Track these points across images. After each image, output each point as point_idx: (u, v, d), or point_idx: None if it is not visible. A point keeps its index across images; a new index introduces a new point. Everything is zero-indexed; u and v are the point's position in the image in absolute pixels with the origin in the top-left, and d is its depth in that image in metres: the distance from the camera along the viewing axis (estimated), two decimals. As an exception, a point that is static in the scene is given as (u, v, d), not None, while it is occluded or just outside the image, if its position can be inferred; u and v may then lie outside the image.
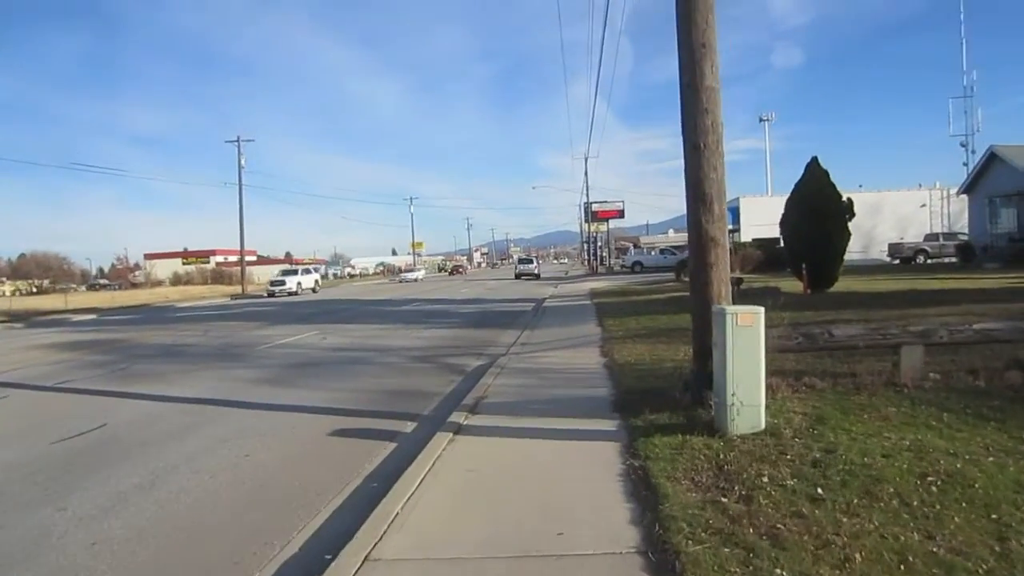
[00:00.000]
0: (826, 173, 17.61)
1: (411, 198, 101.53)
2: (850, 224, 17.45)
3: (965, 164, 42.80)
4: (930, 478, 4.20)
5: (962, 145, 43.00)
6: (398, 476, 5.08)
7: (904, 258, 38.59)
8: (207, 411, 8.33)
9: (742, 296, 18.93)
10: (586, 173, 62.23)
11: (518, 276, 53.76)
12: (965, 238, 38.08)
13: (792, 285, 19.55)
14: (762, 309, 5.43)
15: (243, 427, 7.38)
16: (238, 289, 67.17)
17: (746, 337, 5.28)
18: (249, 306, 33.39)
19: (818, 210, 17.10)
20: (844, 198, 17.53)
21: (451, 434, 6.10)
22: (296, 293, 39.83)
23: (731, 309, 5.41)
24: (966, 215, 43.89)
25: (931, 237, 39.89)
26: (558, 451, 5.52)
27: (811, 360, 8.12)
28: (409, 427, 7.05)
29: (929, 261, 37.58)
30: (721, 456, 4.85)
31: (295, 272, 43.82)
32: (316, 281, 45.56)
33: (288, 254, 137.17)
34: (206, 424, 7.63)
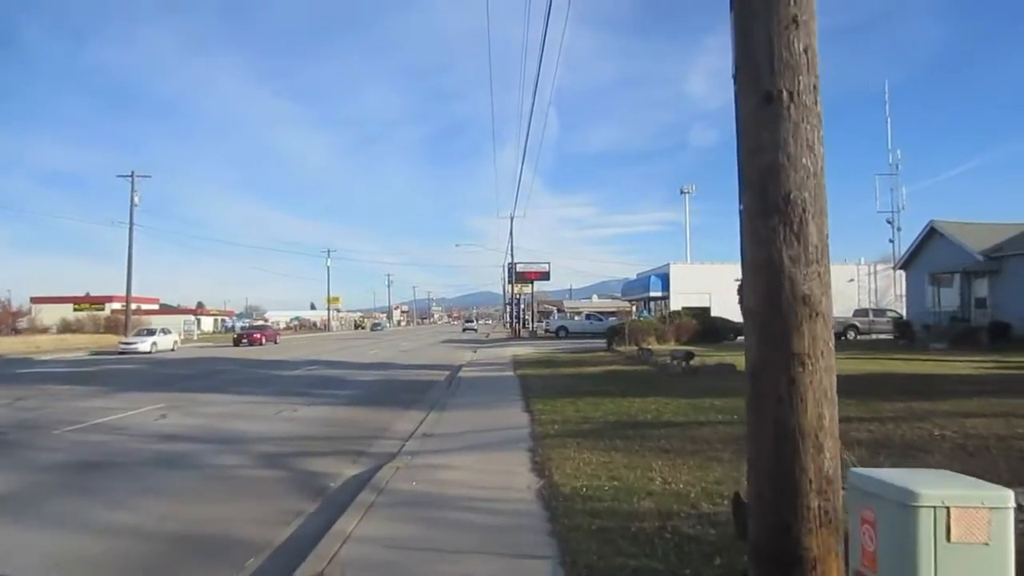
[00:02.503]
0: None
1: (328, 251, 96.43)
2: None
3: (891, 240, 42.49)
4: None
5: (888, 222, 42.75)
6: None
7: (834, 334, 37.27)
8: None
9: (694, 374, 16.11)
10: (511, 232, 59.84)
11: (464, 331, 78.21)
12: (894, 314, 37.27)
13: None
14: (1011, 496, 2.22)
15: None
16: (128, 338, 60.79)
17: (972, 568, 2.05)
18: (113, 362, 28.41)
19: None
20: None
21: None
22: (150, 353, 35.71)
23: (920, 495, 2.18)
24: (892, 290, 43.66)
25: (860, 312, 38.92)
26: None
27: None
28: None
29: (859, 337, 36.41)
30: None
31: (152, 332, 39.62)
32: (175, 342, 41.42)
33: (200, 304, 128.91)
34: None
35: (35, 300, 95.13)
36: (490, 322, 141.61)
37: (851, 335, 36.78)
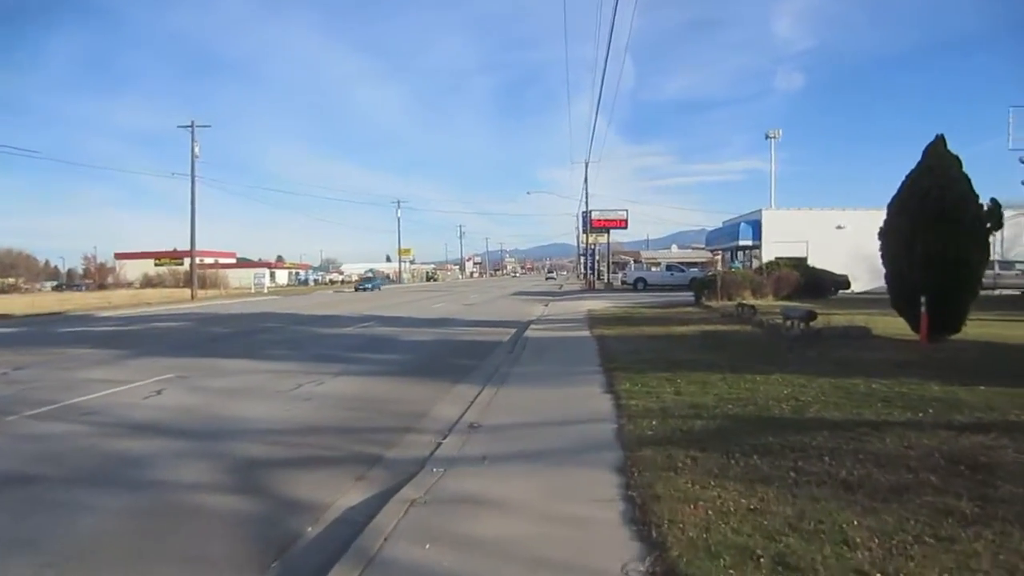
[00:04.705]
0: (957, 161, 11.60)
1: (398, 201, 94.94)
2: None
3: (1024, 183, 36.82)
4: None
5: (1021, 161, 36.98)
6: None
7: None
8: None
9: (822, 342, 12.82)
10: (586, 179, 56.12)
11: (546, 279, 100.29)
12: (1024, 267, 32.35)
13: (888, 325, 13.47)
14: None
15: None
16: (209, 292, 60.85)
17: None
18: (165, 319, 27.24)
19: (946, 216, 11.07)
20: (983, 202, 11.50)
21: None
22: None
23: None
24: (1022, 240, 38.05)
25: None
26: None
27: None
28: None
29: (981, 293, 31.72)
30: None
31: None
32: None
33: (280, 258, 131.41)
34: None
35: (119, 256, 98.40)
36: (564, 273, 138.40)
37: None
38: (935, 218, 11.07)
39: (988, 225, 11.33)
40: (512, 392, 8.79)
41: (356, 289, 63.33)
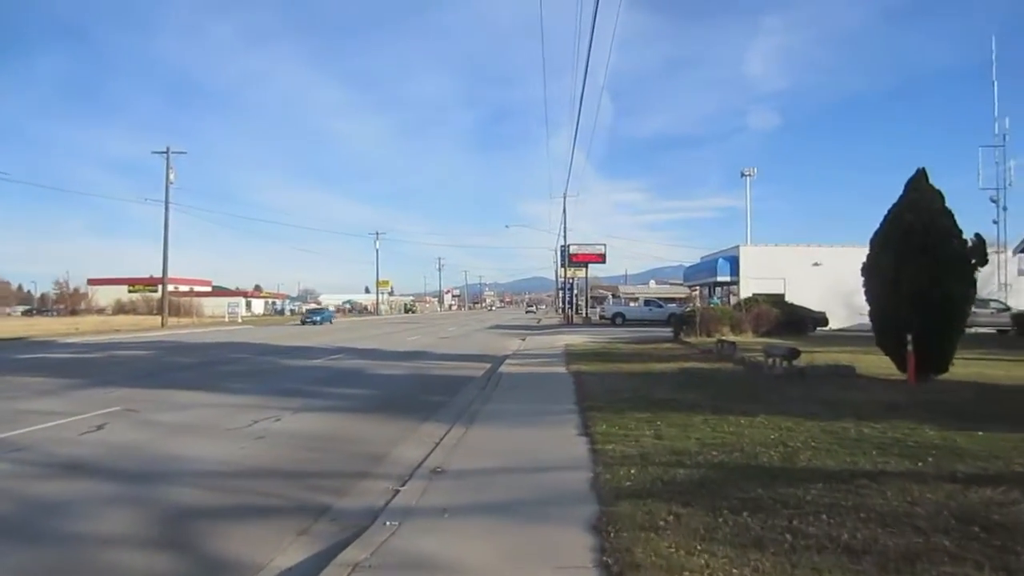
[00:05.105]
0: (940, 195, 11.36)
1: (376, 233, 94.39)
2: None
3: (995, 221, 37.29)
4: None
5: (992, 200, 37.42)
6: None
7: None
8: None
9: (805, 380, 12.35)
10: (564, 213, 56.06)
11: (526, 312, 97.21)
12: (1000, 305, 32.41)
13: (872, 364, 13.09)
14: None
15: None
16: (182, 320, 59.35)
17: None
18: (127, 347, 26.27)
19: (931, 251, 10.78)
20: (967, 237, 11.24)
21: None
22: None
23: None
24: (996, 278, 38.22)
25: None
26: None
27: None
28: None
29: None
30: None
31: None
32: None
33: (257, 287, 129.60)
34: None
35: (92, 282, 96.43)
36: (543, 307, 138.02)
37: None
38: (919, 253, 10.77)
39: (973, 261, 11.04)
40: (482, 432, 8.20)
41: (303, 322, 54.98)
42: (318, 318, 55.86)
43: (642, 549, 3.97)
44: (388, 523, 4.86)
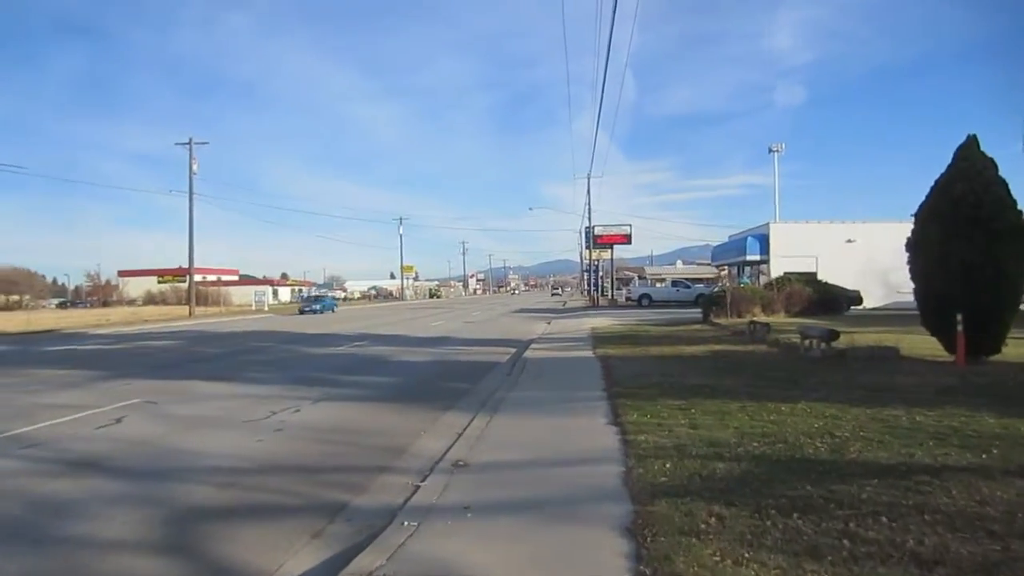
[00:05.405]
0: (992, 162, 10.68)
1: (400, 219, 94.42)
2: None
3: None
4: None
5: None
6: None
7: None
8: None
9: (845, 364, 11.79)
10: (588, 194, 55.34)
11: (552, 295, 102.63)
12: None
13: (916, 345, 12.47)
14: None
15: None
16: (209, 310, 59.93)
17: None
18: (154, 337, 26.41)
19: (982, 223, 10.14)
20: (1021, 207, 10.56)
21: None
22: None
23: None
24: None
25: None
26: None
27: None
28: None
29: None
30: None
31: None
32: None
33: (284, 275, 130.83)
34: None
35: (122, 273, 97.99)
36: (568, 290, 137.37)
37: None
38: (971, 226, 10.14)
39: (1030, 235, 10.36)
40: (506, 422, 7.84)
41: (301, 312, 48.54)
42: (317, 307, 50.03)
43: (683, 558, 3.58)
44: (406, 523, 4.53)
